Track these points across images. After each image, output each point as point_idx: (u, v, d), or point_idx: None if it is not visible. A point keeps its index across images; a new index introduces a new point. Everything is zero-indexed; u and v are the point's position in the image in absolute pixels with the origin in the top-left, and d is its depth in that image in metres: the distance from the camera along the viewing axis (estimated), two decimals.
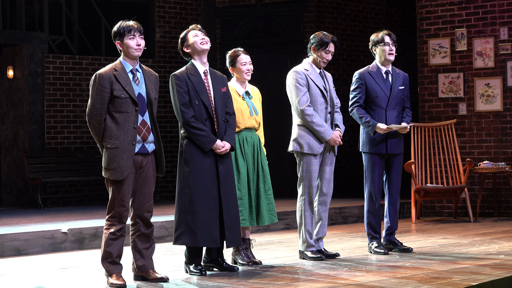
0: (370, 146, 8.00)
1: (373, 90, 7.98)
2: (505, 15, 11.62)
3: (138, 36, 6.49)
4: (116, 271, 6.45)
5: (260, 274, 6.89)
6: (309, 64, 7.74)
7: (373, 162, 8.00)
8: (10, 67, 13.51)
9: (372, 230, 8.02)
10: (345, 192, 14.33)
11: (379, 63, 8.09)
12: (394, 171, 8.09)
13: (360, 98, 7.98)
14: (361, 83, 8.01)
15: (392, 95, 8.02)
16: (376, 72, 8.05)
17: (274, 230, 10.55)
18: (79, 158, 13.46)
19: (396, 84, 8.06)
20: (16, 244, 8.77)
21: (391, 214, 8.11)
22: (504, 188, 11.66)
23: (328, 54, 7.69)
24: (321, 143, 7.62)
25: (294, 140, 7.68)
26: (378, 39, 8.06)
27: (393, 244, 8.12)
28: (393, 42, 8.05)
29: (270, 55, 14.21)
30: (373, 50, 8.14)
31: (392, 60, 8.07)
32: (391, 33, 8.11)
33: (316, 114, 7.58)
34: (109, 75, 6.40)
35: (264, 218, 7.38)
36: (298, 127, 7.67)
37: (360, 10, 14.92)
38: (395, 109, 8.04)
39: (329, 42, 7.69)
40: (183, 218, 6.84)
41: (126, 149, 6.36)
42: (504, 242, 8.67)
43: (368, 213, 8.03)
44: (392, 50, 8.04)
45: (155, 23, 14.41)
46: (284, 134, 13.92)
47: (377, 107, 7.98)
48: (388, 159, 8.06)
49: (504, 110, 11.62)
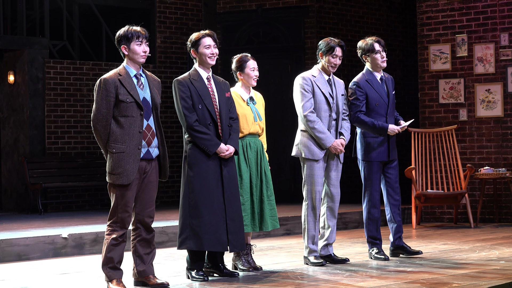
0: (371, 153, 7.97)
1: (374, 99, 7.97)
2: (506, 21, 11.63)
3: (144, 42, 6.49)
4: (116, 276, 6.44)
5: (260, 280, 6.88)
6: (317, 71, 7.74)
7: (374, 169, 7.98)
8: (11, 72, 13.51)
9: (372, 236, 8.01)
10: (345, 198, 14.28)
11: (372, 70, 8.07)
12: (393, 175, 8.08)
13: (362, 106, 7.94)
14: (361, 91, 7.95)
15: (390, 101, 8.04)
16: (372, 79, 8.02)
17: (274, 235, 10.54)
18: (80, 164, 13.45)
19: (390, 90, 8.08)
20: (16, 249, 8.76)
21: (396, 218, 8.09)
22: (504, 194, 11.65)
23: (335, 59, 7.70)
24: (322, 150, 7.62)
25: (296, 145, 7.72)
26: (369, 48, 8.03)
27: (402, 248, 8.09)
28: (383, 48, 8.04)
29: (271, 60, 14.21)
30: (363, 58, 8.12)
31: (385, 67, 8.07)
32: (380, 39, 8.09)
33: (318, 120, 7.58)
34: (114, 80, 6.40)
35: (267, 224, 7.38)
36: (301, 132, 7.69)
37: (361, 15, 14.93)
38: (392, 115, 8.05)
39: (335, 46, 7.69)
40: (188, 222, 6.84)
41: (132, 154, 6.35)
42: (504, 248, 8.67)
43: (368, 219, 8.03)
44: (383, 57, 8.03)
45: (156, 29, 14.42)
46: (285, 140, 13.93)
47: (377, 115, 7.96)
48: (385, 164, 8.06)
49: (504, 116, 11.63)
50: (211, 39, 7.01)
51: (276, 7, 14.42)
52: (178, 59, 14.66)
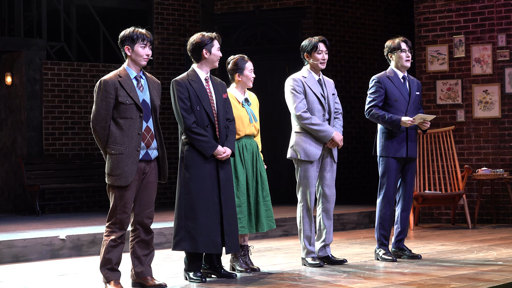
0: (389, 150, 7.94)
1: (393, 94, 7.97)
2: (503, 21, 11.63)
3: (148, 45, 6.50)
4: (114, 278, 6.44)
5: (258, 281, 6.88)
6: (307, 71, 7.74)
7: (390, 166, 7.95)
8: (8, 74, 13.50)
9: (383, 236, 7.99)
10: (343, 199, 14.30)
11: (396, 69, 8.09)
12: (409, 177, 8.07)
13: (378, 101, 7.95)
14: (380, 86, 7.98)
15: (411, 100, 8.02)
16: (394, 76, 8.04)
17: (272, 236, 10.54)
18: (77, 165, 13.45)
19: (413, 89, 8.08)
20: (14, 250, 8.76)
21: (403, 220, 8.08)
22: (502, 195, 11.66)
23: (321, 54, 7.69)
24: (320, 146, 7.60)
25: (291, 147, 7.71)
26: (395, 46, 8.07)
27: (402, 250, 8.09)
28: (409, 49, 8.08)
29: (268, 61, 14.22)
30: (388, 57, 8.14)
31: (408, 67, 8.09)
32: (407, 39, 8.14)
33: (314, 116, 7.58)
34: (114, 81, 6.40)
35: (263, 225, 7.39)
36: (295, 134, 7.69)
37: (358, 16, 14.94)
38: (413, 114, 8.00)
39: (318, 43, 7.70)
40: (183, 224, 6.84)
41: (130, 155, 6.36)
42: (502, 249, 8.67)
43: (381, 218, 8.00)
44: (408, 56, 8.06)
45: (153, 30, 14.41)
46: (282, 140, 13.93)
47: (396, 111, 7.94)
48: (405, 164, 8.04)
49: (502, 117, 11.63)
50: (218, 44, 7.09)
51: (274, 8, 14.42)
52: (176, 60, 14.65)
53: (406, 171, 8.06)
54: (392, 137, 7.95)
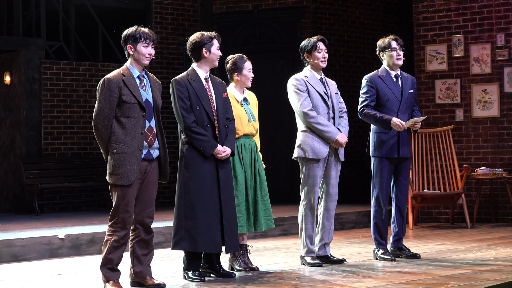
0: (381, 150, 7.95)
1: (385, 94, 7.97)
2: (502, 21, 11.64)
3: (151, 45, 6.50)
4: (114, 278, 6.44)
5: (257, 280, 6.88)
6: (309, 71, 7.75)
7: (382, 166, 7.96)
8: (7, 73, 13.50)
9: (379, 236, 7.99)
10: (342, 198, 14.27)
11: (388, 68, 8.09)
12: (402, 176, 8.07)
13: (370, 101, 7.95)
14: (371, 86, 7.98)
15: (403, 99, 8.02)
16: (386, 76, 8.04)
17: (271, 236, 10.54)
18: (76, 164, 13.45)
19: (406, 88, 8.07)
20: (13, 250, 8.75)
21: (399, 220, 8.09)
22: (501, 194, 11.66)
23: (321, 53, 7.70)
24: (327, 145, 7.60)
25: (298, 146, 7.68)
26: (385, 45, 8.07)
27: (400, 250, 8.09)
28: (400, 47, 8.07)
29: (267, 61, 14.22)
30: (380, 56, 8.14)
31: (400, 65, 8.09)
32: (398, 37, 8.13)
33: (320, 116, 7.58)
34: (118, 80, 6.39)
35: (261, 224, 7.38)
36: (301, 133, 7.68)
37: (357, 16, 14.94)
38: (406, 112, 8.01)
39: (317, 42, 7.71)
40: (182, 223, 6.83)
41: (133, 155, 6.35)
42: (501, 248, 8.67)
43: (375, 218, 8.01)
44: (399, 55, 8.05)
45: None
46: (281, 140, 13.95)
47: (388, 111, 7.95)
48: (398, 164, 8.05)
49: (501, 116, 11.64)
50: (218, 43, 7.08)
51: (273, 7, 14.42)
52: (175, 60, 14.65)
53: (400, 170, 8.06)
54: (384, 137, 7.95)
